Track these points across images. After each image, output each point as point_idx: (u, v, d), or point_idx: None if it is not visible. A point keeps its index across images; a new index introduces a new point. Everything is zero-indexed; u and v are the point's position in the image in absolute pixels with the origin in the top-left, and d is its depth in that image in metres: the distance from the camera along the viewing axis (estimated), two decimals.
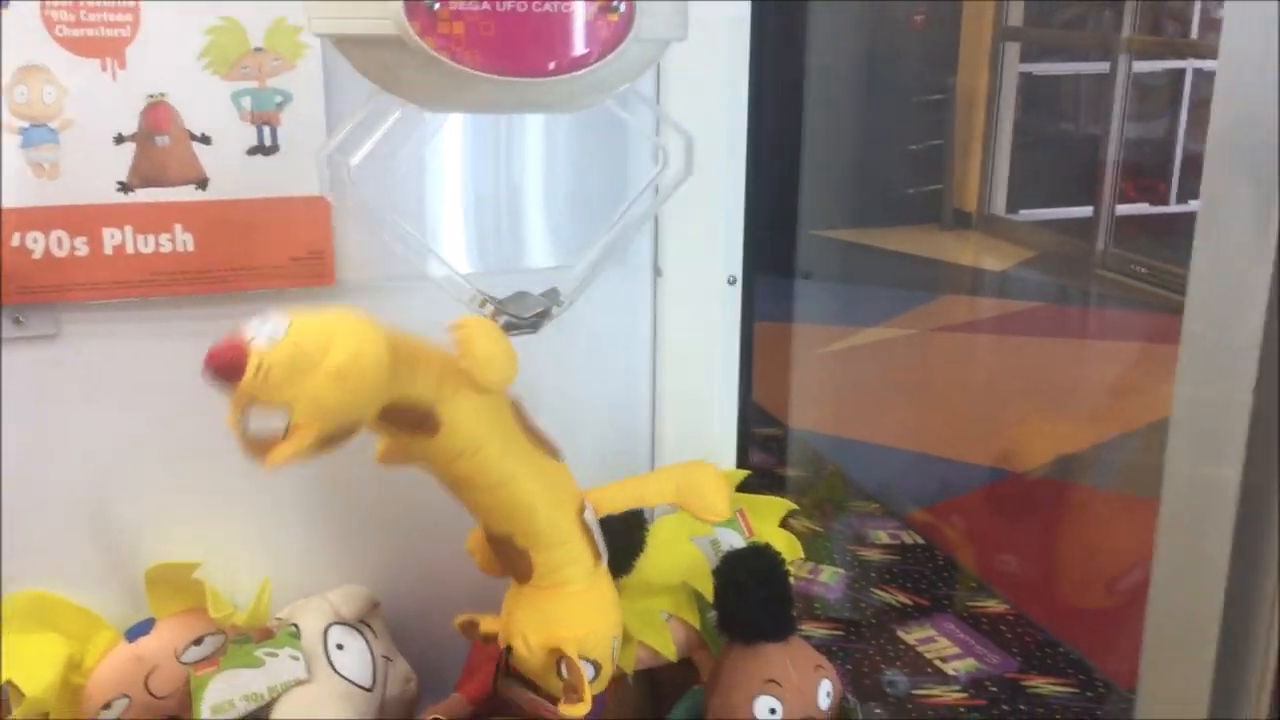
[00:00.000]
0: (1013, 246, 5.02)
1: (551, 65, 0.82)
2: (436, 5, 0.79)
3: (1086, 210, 4.75)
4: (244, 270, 1.12)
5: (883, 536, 2.52)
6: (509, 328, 0.97)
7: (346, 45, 0.85)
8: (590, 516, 1.03)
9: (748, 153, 1.24)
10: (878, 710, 1.82)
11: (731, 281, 1.25)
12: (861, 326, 3.94)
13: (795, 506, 1.28)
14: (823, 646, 2.00)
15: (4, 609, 1.11)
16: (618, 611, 1.06)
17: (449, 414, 0.92)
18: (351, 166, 0.90)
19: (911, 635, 2.10)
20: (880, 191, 5.26)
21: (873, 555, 2.45)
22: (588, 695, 0.98)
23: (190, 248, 1.10)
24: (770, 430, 3.03)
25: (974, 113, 5.25)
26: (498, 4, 0.80)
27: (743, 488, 1.28)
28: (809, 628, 2.12)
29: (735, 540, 1.25)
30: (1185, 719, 0.91)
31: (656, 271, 1.27)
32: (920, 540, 2.49)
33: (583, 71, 0.83)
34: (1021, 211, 5.23)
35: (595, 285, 1.23)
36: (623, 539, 1.08)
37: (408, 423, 0.92)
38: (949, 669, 1.97)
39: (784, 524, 1.28)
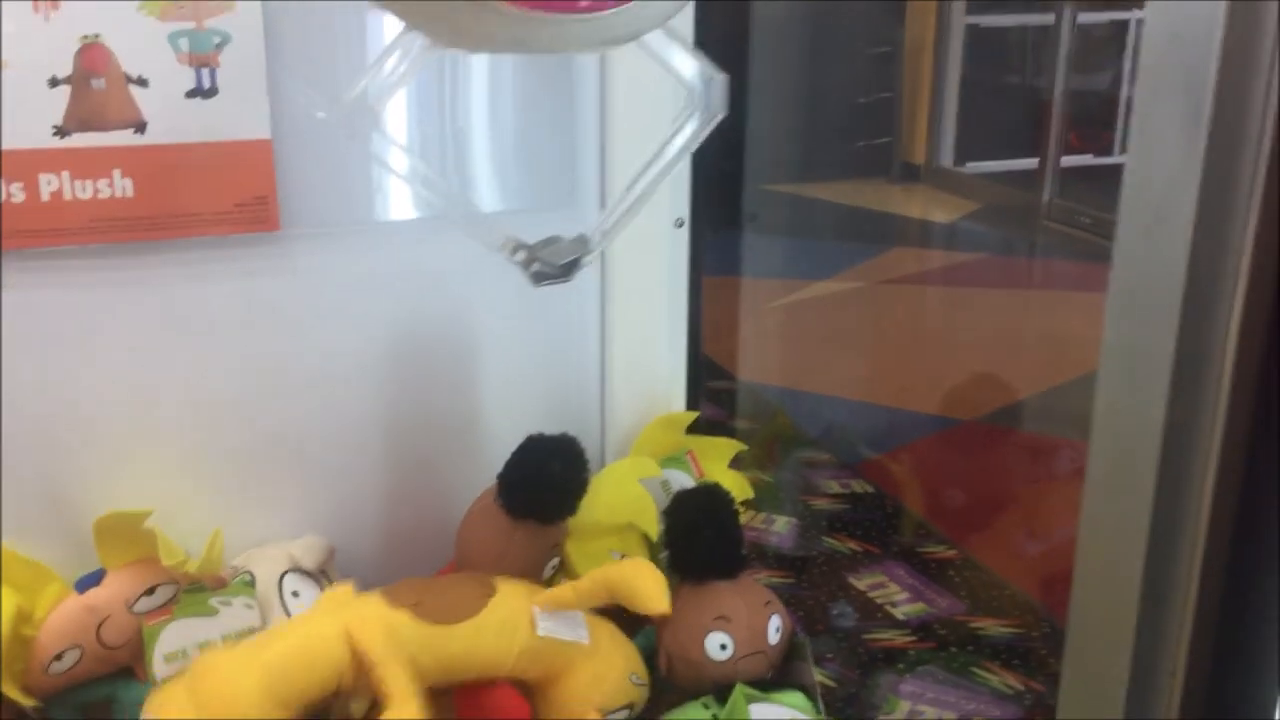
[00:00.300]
0: (960, 199, 5.04)
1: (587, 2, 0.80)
2: None
3: (1032, 162, 4.77)
4: (186, 216, 1.11)
5: (834, 486, 2.53)
6: (540, 276, 0.95)
7: None
8: (546, 625, 1.04)
9: None
10: (829, 656, 1.85)
11: (679, 224, 1.25)
12: (811, 280, 3.95)
13: (744, 447, 1.30)
14: (777, 594, 2.03)
15: None
16: (623, 653, 1.09)
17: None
18: (377, 110, 0.88)
19: (862, 581, 2.12)
20: (829, 145, 5.25)
21: (824, 504, 2.47)
22: None
23: (130, 193, 1.08)
24: (721, 383, 3.04)
25: (921, 65, 5.24)
26: None
27: (692, 429, 1.29)
28: (763, 576, 2.14)
29: (685, 481, 1.26)
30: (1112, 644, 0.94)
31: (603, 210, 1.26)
32: (870, 489, 2.51)
33: (625, 7, 0.81)
34: (969, 164, 5.23)
35: (538, 225, 1.24)
36: (567, 480, 1.08)
37: None
38: (899, 613, 1.99)
39: (733, 465, 1.30)
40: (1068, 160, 4.70)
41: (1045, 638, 1.90)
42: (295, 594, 1.14)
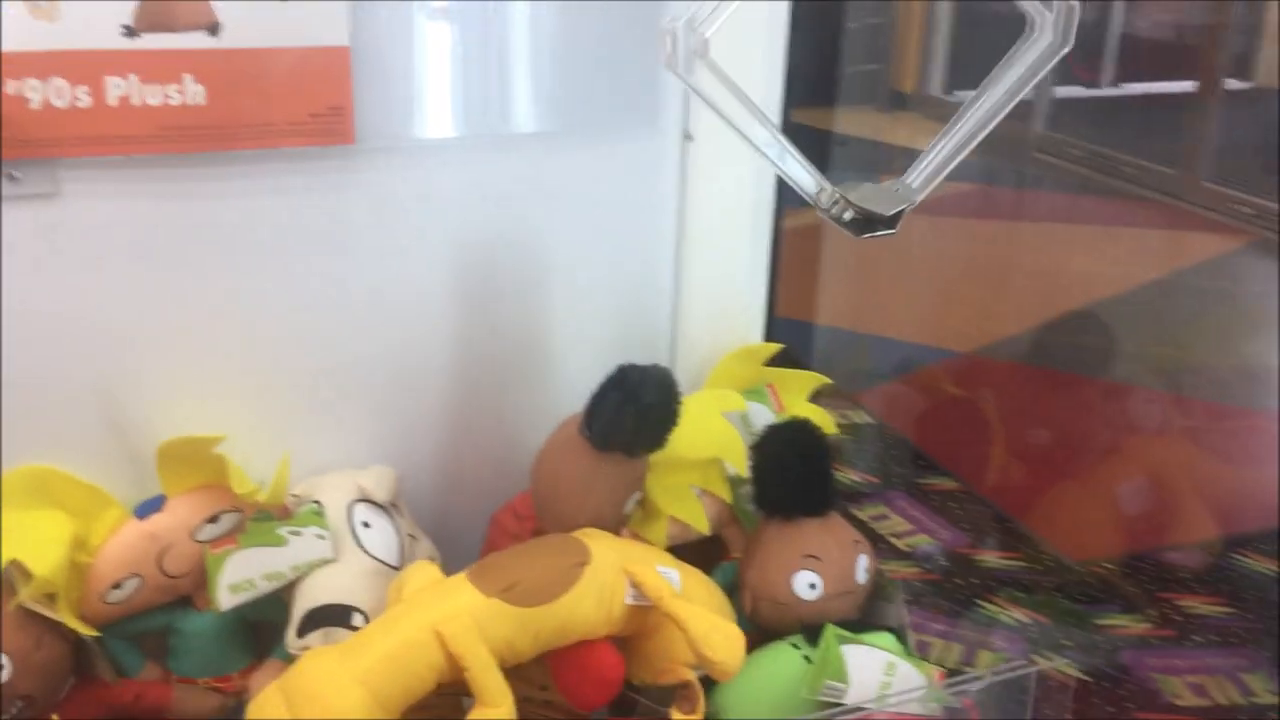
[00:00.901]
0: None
1: None
2: None
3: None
4: (259, 127, 1.04)
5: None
6: (863, 225, 0.86)
7: None
8: (634, 595, 0.99)
9: None
10: None
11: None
12: (796, 208, 3.91)
13: (827, 380, 1.26)
14: None
15: (4, 486, 1.05)
16: (716, 606, 1.06)
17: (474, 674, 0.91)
18: (706, 39, 0.81)
19: (865, 513, 2.12)
20: (817, 71, 5.17)
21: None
22: (701, 710, 0.99)
23: (201, 100, 1.01)
24: None
25: None
26: None
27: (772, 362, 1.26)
28: None
29: (765, 415, 1.22)
30: None
31: (686, 136, 1.21)
32: (870, 419, 2.49)
33: None
34: (957, 93, 5.18)
35: (618, 148, 1.18)
36: (659, 412, 1.04)
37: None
38: (902, 544, 1.99)
39: (813, 399, 1.26)
40: (1059, 91, 4.65)
41: (1048, 570, 1.90)
42: (366, 524, 1.10)
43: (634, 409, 1.02)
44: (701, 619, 0.94)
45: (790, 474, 1.08)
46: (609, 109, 1.18)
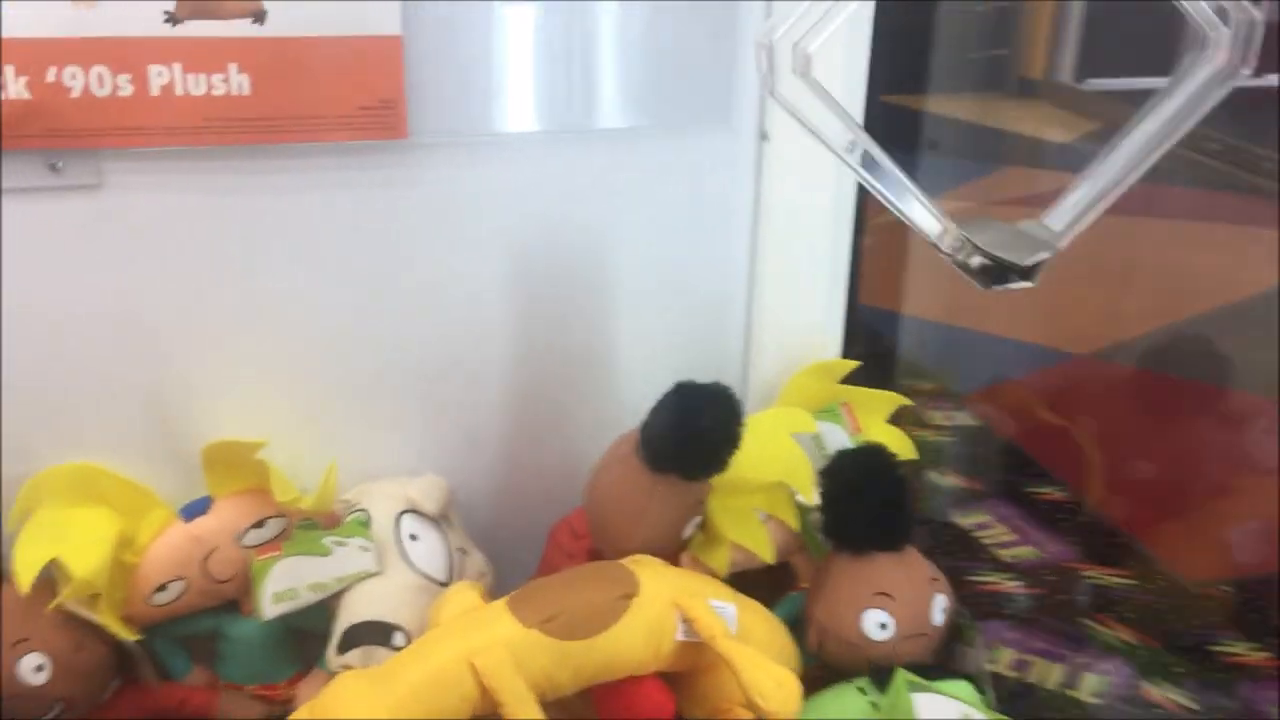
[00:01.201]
0: (1079, 117, 4.79)
1: None
2: None
3: (1161, 81, 4.48)
4: (306, 119, 0.99)
5: (937, 417, 2.41)
6: (993, 277, 0.74)
7: None
8: (685, 631, 0.92)
9: None
10: None
11: (850, 148, 1.10)
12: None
13: (908, 401, 1.17)
14: None
15: (49, 482, 1.02)
16: (777, 646, 1.00)
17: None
18: (809, 55, 0.72)
19: (967, 520, 2.01)
20: (943, 56, 5.01)
21: (927, 436, 2.35)
22: None
23: (246, 90, 0.97)
24: None
25: None
26: None
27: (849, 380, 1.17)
28: None
29: (839, 437, 1.14)
30: None
31: (763, 136, 1.13)
32: (976, 422, 2.38)
33: None
34: (1090, 81, 4.96)
35: (692, 148, 1.11)
36: (719, 434, 0.97)
37: None
38: (1005, 555, 1.88)
39: (894, 420, 1.17)
40: None
41: (1162, 591, 1.78)
42: (414, 537, 1.05)
43: (691, 432, 0.95)
44: (753, 663, 0.86)
45: (862, 505, 0.99)
46: (680, 106, 1.10)
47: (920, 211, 0.77)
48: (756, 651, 0.89)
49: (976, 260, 0.74)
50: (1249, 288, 3.03)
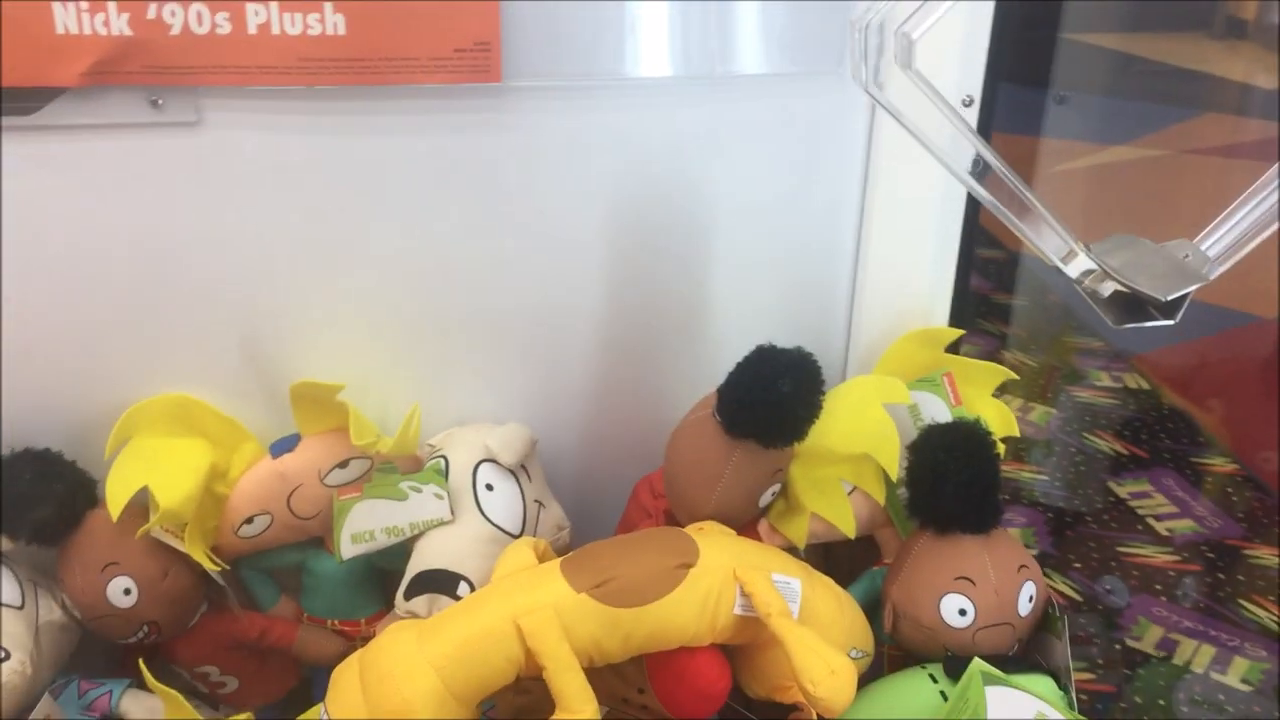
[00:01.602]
0: None
1: None
2: None
3: None
4: (401, 61, 0.98)
5: (1104, 378, 2.30)
6: (1126, 311, 0.65)
7: None
8: (743, 604, 0.89)
9: None
10: (1075, 564, 1.66)
11: (967, 103, 1.04)
12: (1106, 144, 3.57)
13: (1013, 375, 1.10)
14: (1024, 489, 1.85)
15: (146, 411, 1.05)
16: (844, 624, 0.95)
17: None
18: (912, 41, 0.68)
19: (1124, 488, 1.92)
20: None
21: (1090, 397, 2.24)
22: None
23: (341, 31, 0.96)
24: (991, 251, 2.80)
25: None
26: None
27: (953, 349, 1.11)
28: (1010, 468, 1.96)
29: (938, 408, 1.08)
30: None
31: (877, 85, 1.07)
32: (1146, 385, 2.26)
33: None
34: None
35: (803, 98, 1.06)
36: (796, 403, 0.93)
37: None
38: (1162, 528, 1.78)
39: (998, 394, 1.11)
40: None
41: None
42: (489, 487, 1.05)
43: (768, 398, 0.91)
44: (807, 646, 0.83)
45: (948, 483, 0.94)
46: (793, 53, 1.05)
47: (1043, 228, 0.69)
48: (812, 633, 0.85)
49: (1107, 289, 0.65)
50: None
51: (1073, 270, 0.67)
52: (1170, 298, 0.62)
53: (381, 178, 1.04)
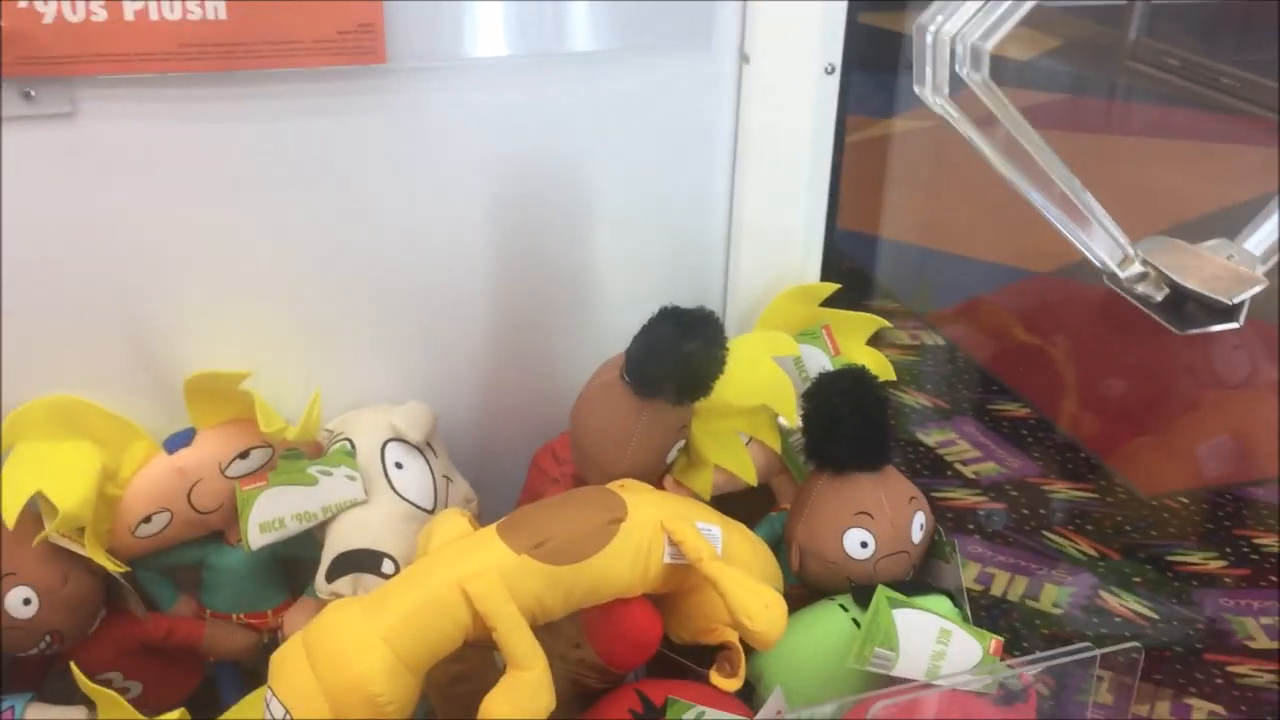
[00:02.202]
0: (1039, 34, 4.76)
1: None
2: None
3: None
4: (283, 45, 0.98)
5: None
6: (1186, 316, 0.63)
7: None
8: (671, 554, 0.93)
9: None
10: None
11: (829, 70, 1.10)
12: (873, 118, 3.76)
13: (886, 324, 1.18)
14: None
15: (30, 415, 1.02)
16: (761, 566, 1.00)
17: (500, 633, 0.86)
18: (985, 50, 0.64)
19: (931, 438, 2.04)
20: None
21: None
22: (742, 674, 0.94)
23: (222, 15, 0.95)
24: None
25: None
26: None
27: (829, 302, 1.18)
28: None
29: (820, 359, 1.15)
30: None
31: (743, 58, 1.12)
32: (941, 341, 2.40)
33: None
34: None
35: (671, 70, 1.10)
36: (704, 359, 0.97)
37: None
38: (969, 472, 1.91)
39: (871, 341, 1.18)
40: None
41: (1121, 503, 1.82)
42: (399, 465, 1.05)
43: (677, 356, 0.95)
44: (740, 585, 0.88)
45: (843, 426, 1.01)
46: (658, 27, 1.09)
47: (1099, 234, 0.68)
48: (743, 573, 0.90)
49: (1160, 293, 0.64)
50: (1210, 203, 3.06)
51: (1127, 275, 0.66)
52: (1235, 301, 0.61)
53: (265, 162, 1.03)
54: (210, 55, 0.96)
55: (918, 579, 1.05)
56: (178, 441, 1.06)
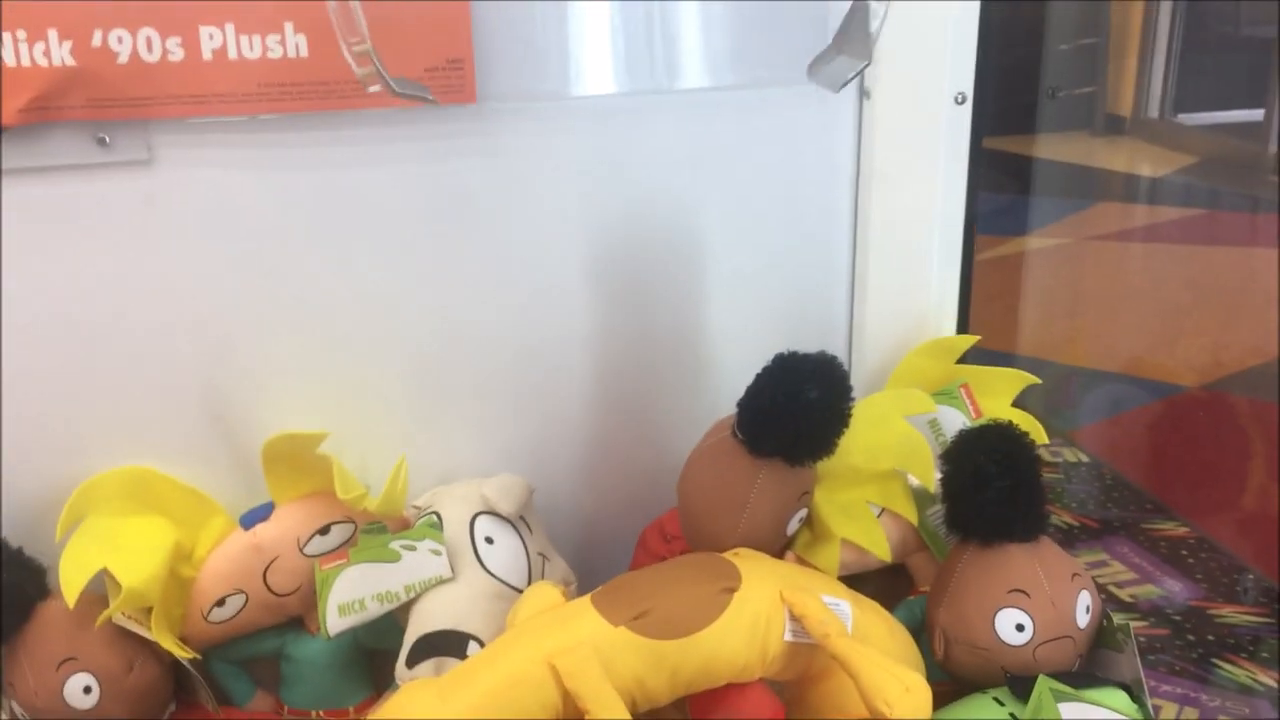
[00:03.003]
0: (1170, 152, 4.69)
1: None
2: None
3: (1256, 114, 4.37)
4: None
5: (1044, 455, 2.29)
6: None
7: None
8: (793, 630, 0.81)
9: None
10: None
11: (960, 100, 1.01)
12: (1009, 236, 3.70)
13: (1035, 380, 1.05)
14: None
15: (100, 488, 0.95)
16: (900, 653, 0.87)
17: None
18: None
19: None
20: (1028, 96, 4.95)
21: None
22: None
23: (304, 53, 0.90)
24: None
25: (1130, 7, 4.86)
26: None
27: (967, 358, 1.06)
28: None
29: (958, 421, 1.03)
30: None
31: (864, 93, 1.03)
32: (1085, 458, 2.26)
33: None
34: (1181, 115, 4.85)
35: (785, 110, 1.02)
36: (826, 410, 0.86)
37: None
38: (1126, 595, 1.74)
39: (1018, 403, 1.05)
40: None
41: None
42: (489, 540, 0.96)
43: (794, 405, 0.84)
44: (877, 665, 0.75)
45: (991, 489, 0.87)
46: (770, 63, 1.01)
47: None
48: (877, 651, 0.77)
49: None
50: None
51: None
52: None
53: (351, 212, 0.97)
54: (292, 95, 0.91)
55: (1085, 670, 0.90)
56: (255, 517, 0.99)
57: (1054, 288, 3.34)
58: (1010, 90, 4.60)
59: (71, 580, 0.89)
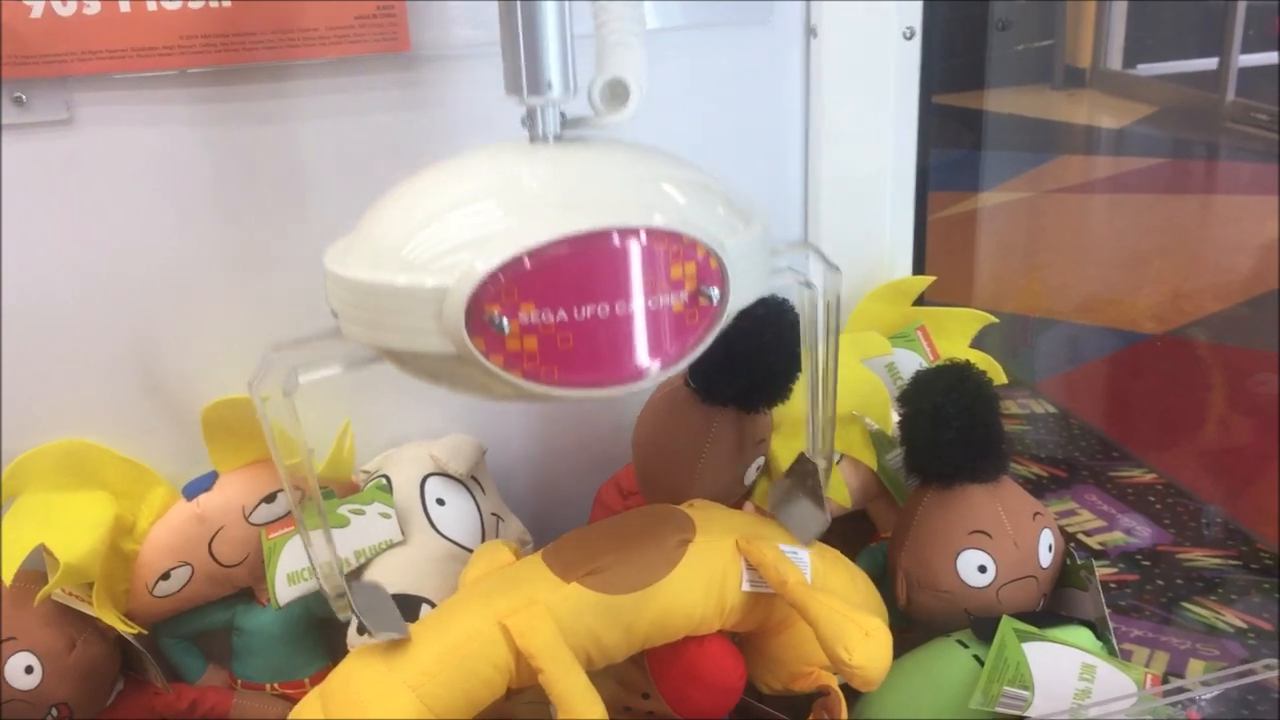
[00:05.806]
0: (1130, 103, 4.71)
1: (643, 368, 0.61)
2: (505, 325, 0.56)
3: (1211, 62, 4.38)
4: (296, 33, 0.89)
5: (1011, 406, 2.29)
6: None
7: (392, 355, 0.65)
8: (751, 579, 0.79)
9: None
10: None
11: (909, 35, 0.98)
12: (969, 192, 3.70)
13: (993, 319, 1.03)
14: None
15: (33, 463, 0.92)
16: (861, 598, 0.85)
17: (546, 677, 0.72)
18: None
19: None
20: (985, 51, 4.95)
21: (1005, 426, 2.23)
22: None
23: (226, 2, 0.86)
24: None
25: None
26: (576, 312, 0.57)
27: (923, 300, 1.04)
28: None
29: (917, 364, 1.00)
30: None
31: (810, 32, 1.00)
32: (1052, 408, 2.26)
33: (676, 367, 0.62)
34: (1140, 66, 4.86)
35: (731, 49, 0.99)
36: (780, 354, 0.84)
37: None
38: (1094, 543, 1.74)
39: (976, 343, 1.04)
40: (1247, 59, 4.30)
41: (1268, 569, 1.63)
42: (440, 501, 0.93)
43: (747, 352, 0.82)
44: (835, 611, 0.73)
45: (950, 428, 0.86)
46: (716, 4, 0.98)
47: None
48: (836, 598, 0.75)
49: None
50: None
51: None
52: None
53: (282, 167, 0.93)
54: (215, 48, 0.87)
55: (1049, 609, 0.89)
56: (197, 487, 0.96)
57: (1015, 241, 3.35)
58: (960, 26, 4.59)
59: (8, 558, 0.85)
